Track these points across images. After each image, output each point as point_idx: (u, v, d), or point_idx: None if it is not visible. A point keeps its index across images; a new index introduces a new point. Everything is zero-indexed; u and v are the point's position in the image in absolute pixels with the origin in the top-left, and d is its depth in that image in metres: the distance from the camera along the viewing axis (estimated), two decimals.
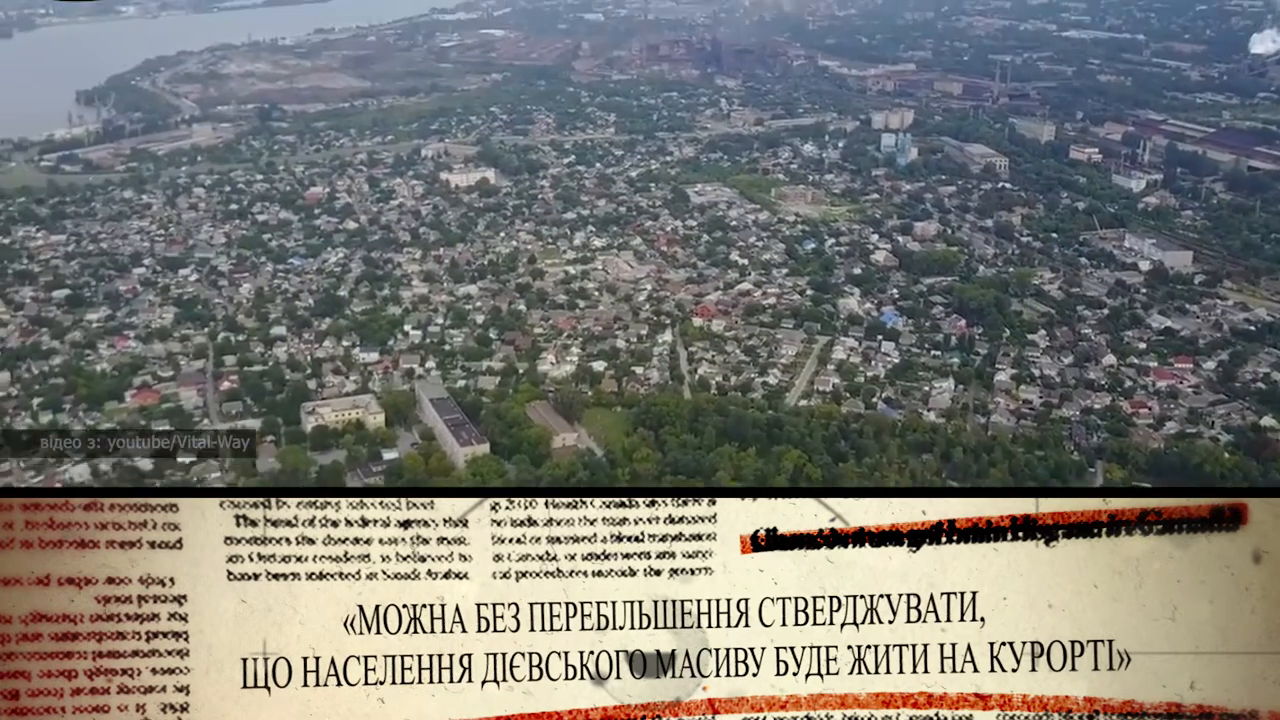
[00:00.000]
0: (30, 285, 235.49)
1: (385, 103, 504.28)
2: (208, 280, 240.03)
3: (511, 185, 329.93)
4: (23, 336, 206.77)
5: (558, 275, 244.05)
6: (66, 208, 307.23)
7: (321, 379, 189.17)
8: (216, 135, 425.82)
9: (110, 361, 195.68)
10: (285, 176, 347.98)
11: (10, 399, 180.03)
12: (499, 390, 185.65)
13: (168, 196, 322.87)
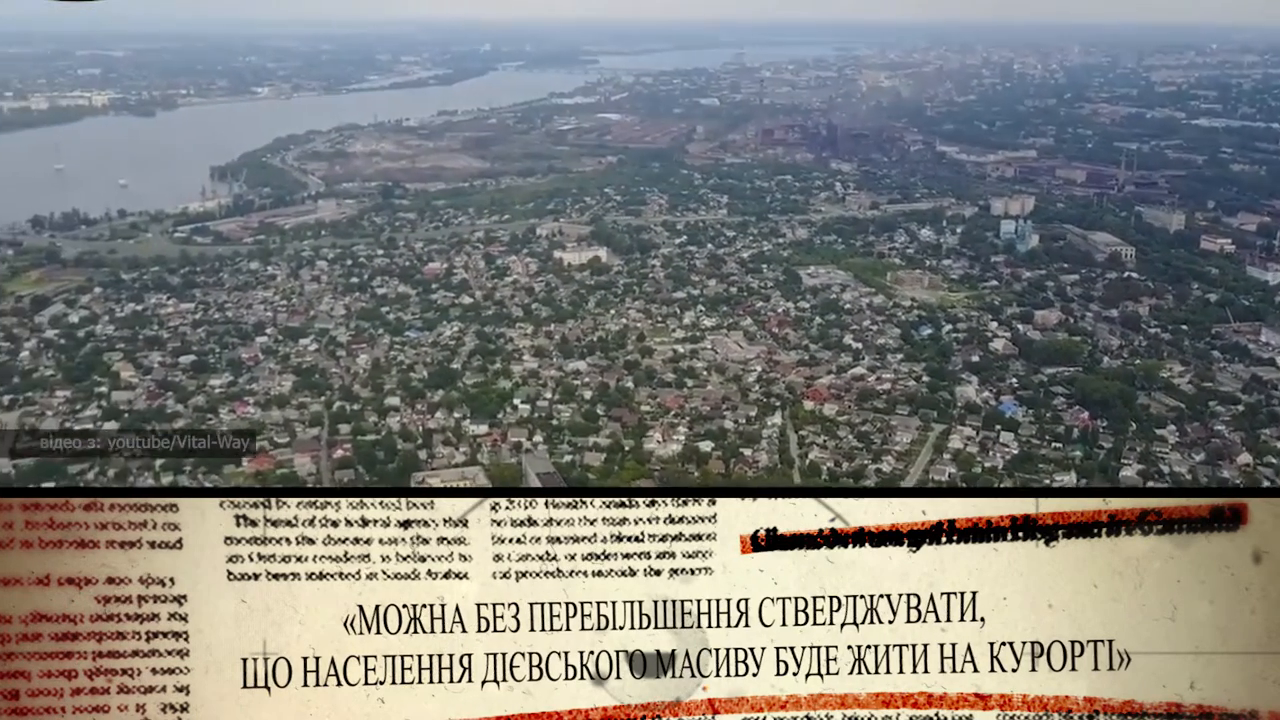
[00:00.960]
0: (159, 350, 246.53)
1: (503, 183, 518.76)
2: (326, 350, 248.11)
3: (623, 264, 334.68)
4: (149, 399, 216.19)
5: (666, 353, 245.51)
6: (196, 277, 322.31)
7: (432, 449, 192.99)
8: (340, 211, 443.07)
9: (230, 426, 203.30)
10: (405, 252, 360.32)
11: (135, 459, 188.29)
12: (604, 467, 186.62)
13: (292, 268, 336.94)
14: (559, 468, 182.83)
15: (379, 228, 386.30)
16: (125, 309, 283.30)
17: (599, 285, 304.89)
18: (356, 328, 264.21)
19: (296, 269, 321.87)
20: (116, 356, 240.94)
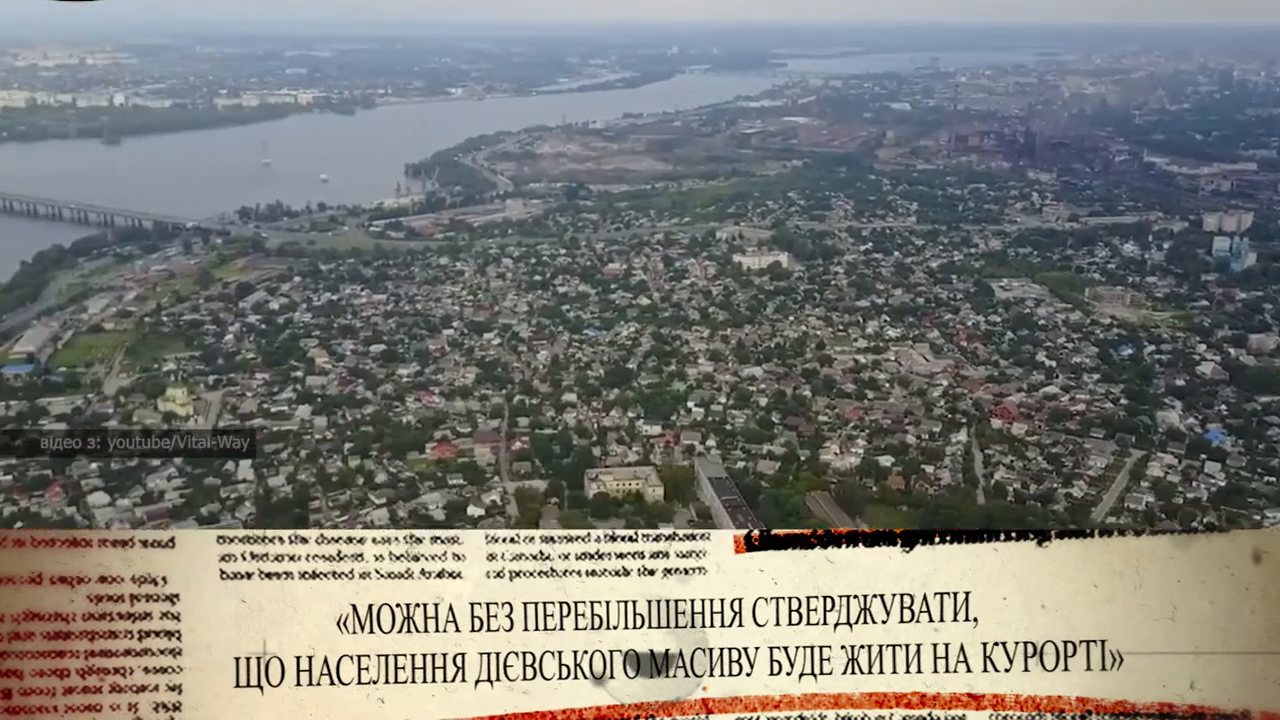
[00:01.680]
0: (351, 339, 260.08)
1: (685, 185, 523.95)
2: (509, 345, 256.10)
3: (804, 270, 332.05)
4: (341, 385, 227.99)
5: (847, 363, 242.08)
6: (389, 270, 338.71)
7: (606, 447, 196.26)
8: (527, 210, 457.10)
9: (415, 414, 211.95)
10: (586, 252, 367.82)
11: (325, 441, 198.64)
12: (778, 476, 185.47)
13: (479, 265, 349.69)
14: (731, 474, 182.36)
15: (563, 227, 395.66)
16: (322, 298, 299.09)
17: (779, 290, 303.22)
18: (538, 324, 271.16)
19: (483, 265, 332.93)
20: (312, 343, 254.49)
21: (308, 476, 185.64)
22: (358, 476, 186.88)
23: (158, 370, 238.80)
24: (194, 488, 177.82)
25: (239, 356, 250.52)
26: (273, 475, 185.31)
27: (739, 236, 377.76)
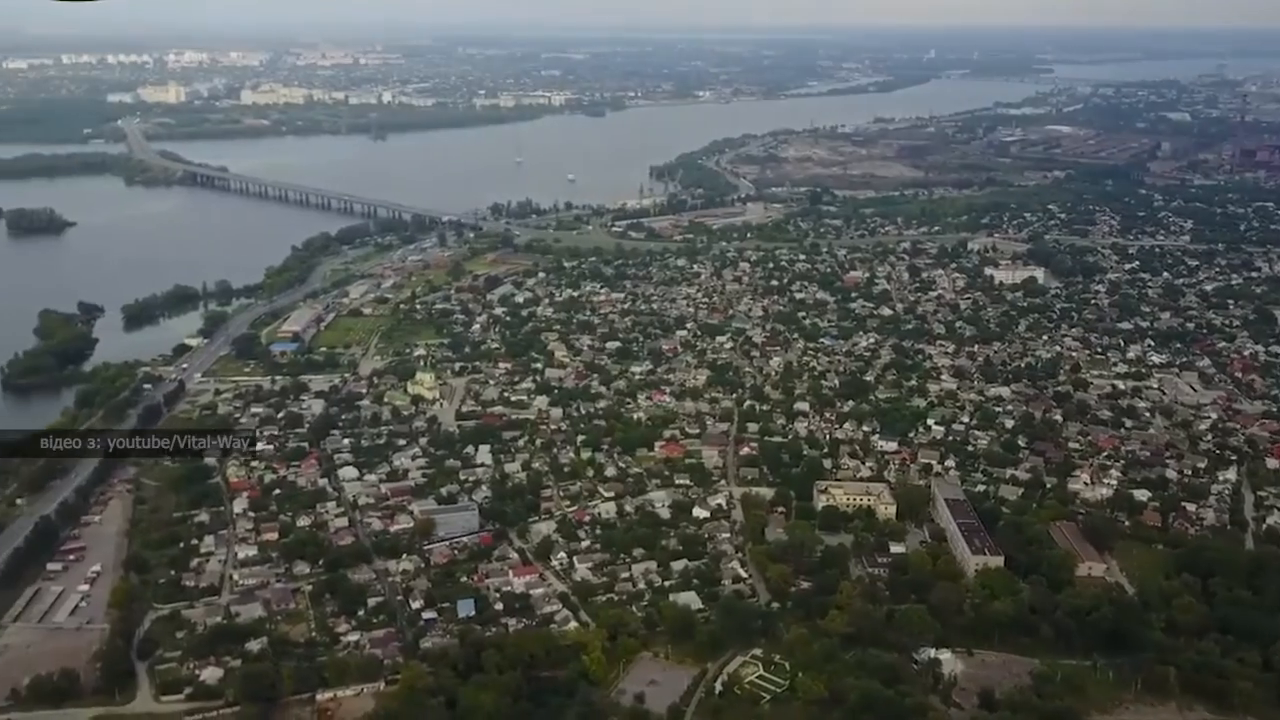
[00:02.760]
0: (589, 335, 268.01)
1: (936, 194, 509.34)
2: (741, 349, 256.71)
3: (1061, 287, 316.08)
4: (578, 379, 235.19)
5: (1104, 388, 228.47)
6: (628, 269, 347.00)
7: (838, 460, 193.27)
8: (767, 214, 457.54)
9: (646, 412, 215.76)
10: (827, 258, 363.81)
11: (560, 432, 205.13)
12: (1021, 502, 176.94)
13: (716, 267, 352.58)
14: (970, 497, 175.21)
15: (803, 232, 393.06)
16: (564, 294, 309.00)
17: (1032, 308, 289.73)
18: (772, 330, 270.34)
19: (720, 268, 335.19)
20: (553, 337, 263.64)
21: (541, 465, 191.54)
22: (588, 468, 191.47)
23: (409, 354, 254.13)
24: (436, 469, 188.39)
25: (484, 346, 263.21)
26: (509, 461, 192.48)
27: (992, 248, 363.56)
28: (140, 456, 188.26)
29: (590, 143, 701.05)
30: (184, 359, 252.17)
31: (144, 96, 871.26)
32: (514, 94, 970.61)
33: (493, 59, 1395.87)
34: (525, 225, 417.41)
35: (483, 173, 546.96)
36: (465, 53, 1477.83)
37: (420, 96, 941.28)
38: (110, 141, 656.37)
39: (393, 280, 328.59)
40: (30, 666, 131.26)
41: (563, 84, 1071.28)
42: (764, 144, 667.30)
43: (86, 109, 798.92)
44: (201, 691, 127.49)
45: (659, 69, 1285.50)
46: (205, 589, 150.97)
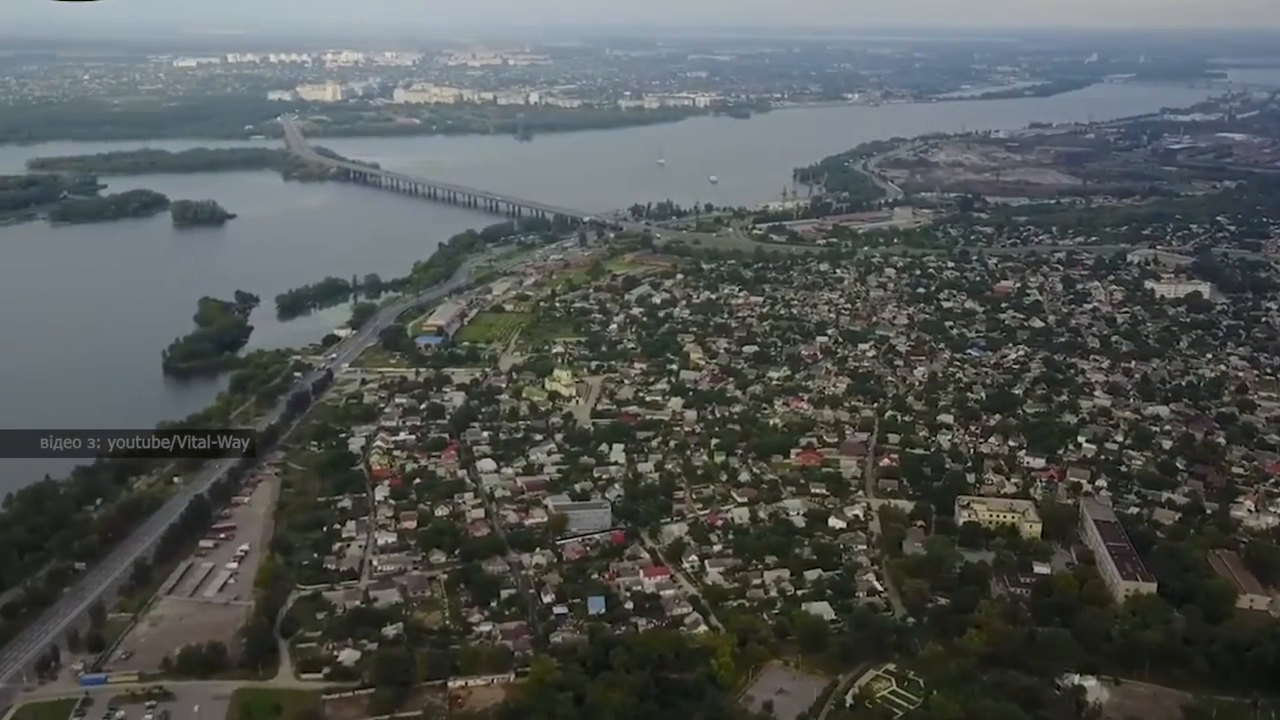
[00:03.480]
0: (726, 338, 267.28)
1: (1095, 202, 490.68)
2: (884, 358, 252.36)
3: (1229, 303, 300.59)
4: (713, 382, 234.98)
5: (1273, 411, 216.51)
6: (768, 273, 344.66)
7: (981, 475, 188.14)
8: (915, 219, 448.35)
9: (783, 419, 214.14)
10: (977, 267, 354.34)
11: (694, 434, 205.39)
12: (1178, 527, 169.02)
13: (859, 273, 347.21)
14: (1122, 519, 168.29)
15: (953, 239, 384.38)
16: (701, 296, 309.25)
17: (1196, 324, 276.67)
18: (917, 339, 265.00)
19: (864, 274, 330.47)
20: (689, 339, 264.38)
21: (675, 466, 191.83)
22: (722, 472, 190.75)
23: (547, 351, 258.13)
24: (570, 465, 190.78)
25: (620, 345, 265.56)
26: (642, 461, 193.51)
27: (1153, 261, 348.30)
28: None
29: (734, 144, 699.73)
30: (333, 349, 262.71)
31: (302, 95, 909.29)
32: (659, 95, 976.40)
33: (638, 61, 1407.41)
34: (665, 226, 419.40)
35: (625, 174, 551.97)
36: (612, 54, 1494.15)
37: (566, 97, 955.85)
38: (270, 138, 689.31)
39: (534, 278, 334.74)
40: (182, 637, 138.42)
41: (708, 85, 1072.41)
42: (913, 148, 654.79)
43: (249, 106, 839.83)
44: (339, 672, 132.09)
45: (806, 70, 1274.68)
46: (345, 573, 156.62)
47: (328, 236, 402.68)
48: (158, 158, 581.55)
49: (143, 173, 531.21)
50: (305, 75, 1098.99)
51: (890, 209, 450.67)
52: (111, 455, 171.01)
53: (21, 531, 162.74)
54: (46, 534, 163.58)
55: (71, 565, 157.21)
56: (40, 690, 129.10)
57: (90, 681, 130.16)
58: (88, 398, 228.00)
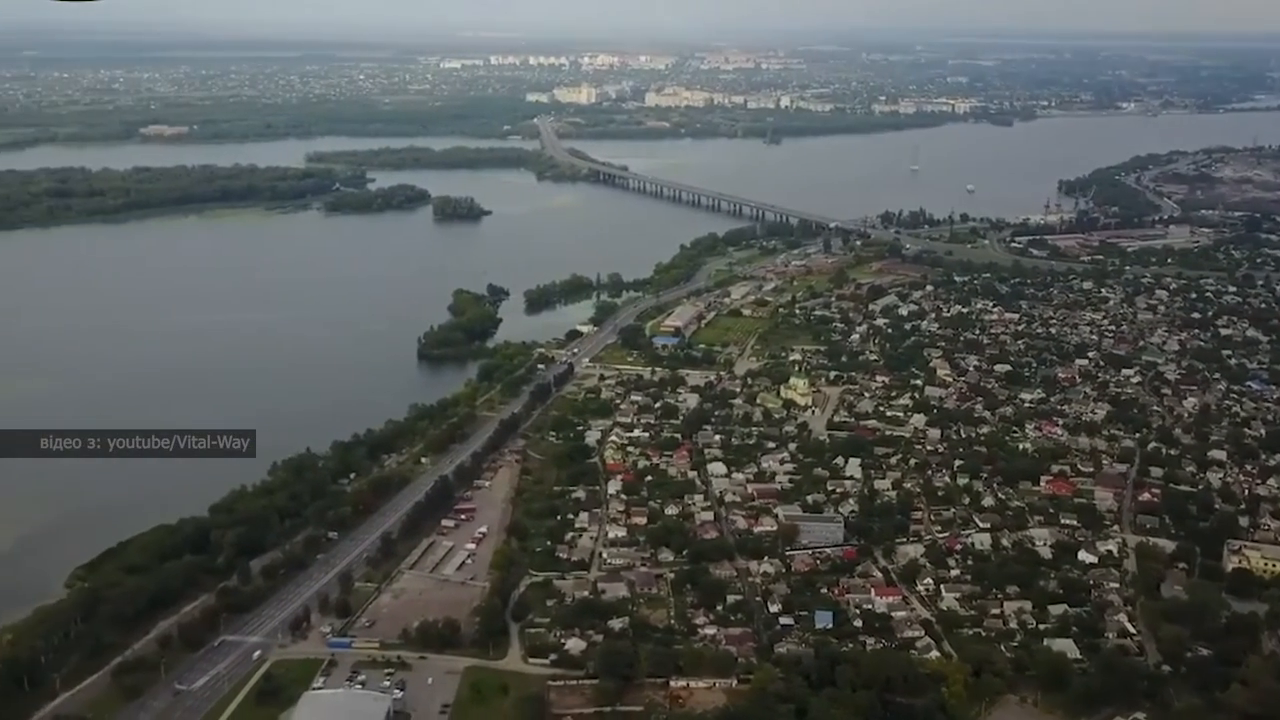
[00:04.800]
0: (976, 355, 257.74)
1: None
2: (1150, 385, 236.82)
3: None
4: (960, 401, 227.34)
5: None
6: (1025, 289, 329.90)
7: (1256, 518, 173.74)
8: (1193, 239, 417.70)
9: (1034, 443, 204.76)
10: (1263, 292, 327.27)
11: (936, 454, 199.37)
12: None
13: (1127, 293, 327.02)
14: None
15: (1235, 262, 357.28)
16: (952, 310, 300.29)
17: None
18: (1189, 367, 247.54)
19: (1132, 295, 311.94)
20: (935, 354, 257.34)
21: (913, 485, 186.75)
22: (964, 495, 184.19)
23: (784, 359, 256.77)
24: (803, 475, 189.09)
25: (862, 356, 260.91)
26: (879, 478, 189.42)
27: None
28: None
29: (993, 153, 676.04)
30: (575, 344, 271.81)
31: (558, 97, 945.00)
32: (915, 100, 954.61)
33: (896, 65, 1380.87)
34: (916, 236, 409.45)
35: (875, 180, 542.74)
36: (869, 59, 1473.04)
37: (818, 101, 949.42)
38: (526, 138, 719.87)
39: (774, 283, 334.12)
40: (420, 611, 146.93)
41: (969, 91, 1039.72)
42: (1195, 162, 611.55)
43: (508, 107, 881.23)
44: (565, 660, 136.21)
45: (1077, 78, 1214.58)
46: (576, 563, 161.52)
47: (575, 235, 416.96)
48: (422, 155, 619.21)
49: (407, 168, 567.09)
50: (562, 78, 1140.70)
51: (1165, 226, 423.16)
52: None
53: (283, 498, 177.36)
54: (305, 502, 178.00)
55: (325, 534, 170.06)
56: (292, 648, 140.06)
57: (337, 645, 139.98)
58: (350, 376, 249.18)
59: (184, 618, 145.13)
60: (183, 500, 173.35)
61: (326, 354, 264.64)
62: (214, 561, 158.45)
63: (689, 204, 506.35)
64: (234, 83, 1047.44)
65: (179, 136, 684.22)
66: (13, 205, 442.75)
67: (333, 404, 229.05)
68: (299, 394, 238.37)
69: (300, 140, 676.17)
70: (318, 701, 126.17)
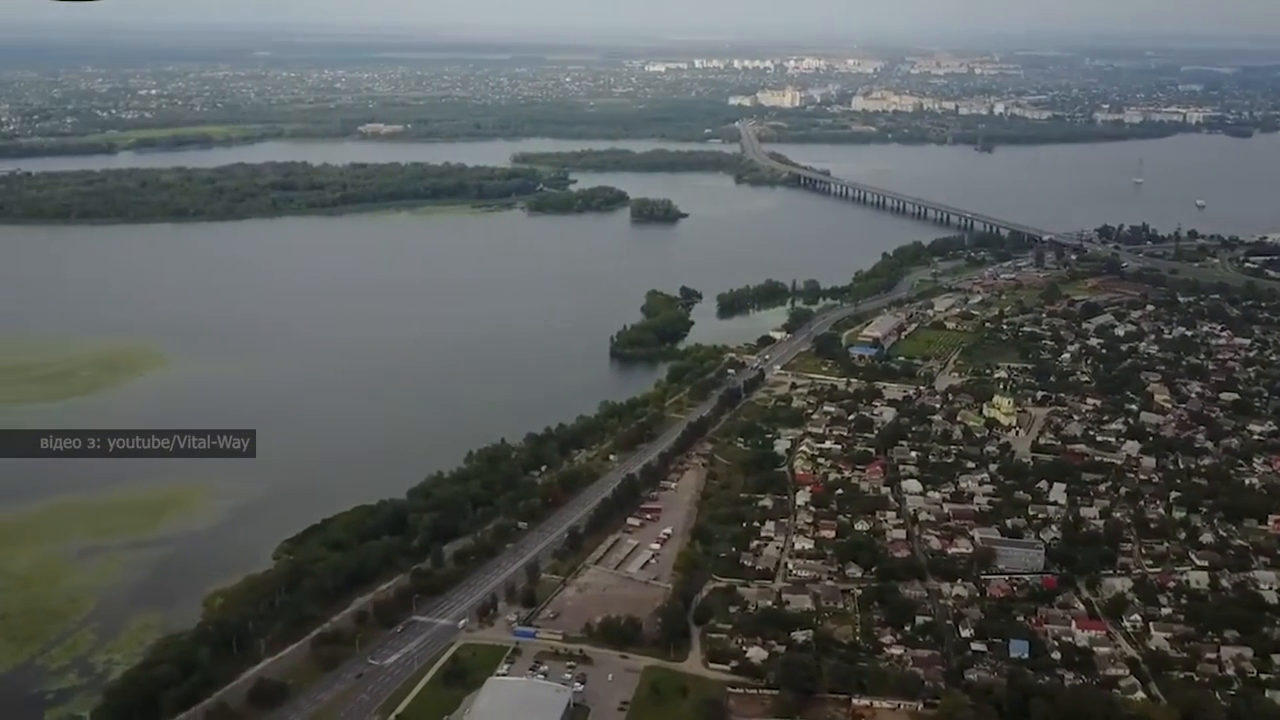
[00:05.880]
0: (1200, 381, 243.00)
1: None
2: None
3: None
4: (1179, 429, 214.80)
5: None
6: (1259, 312, 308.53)
7: None
8: None
9: (1262, 479, 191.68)
10: None
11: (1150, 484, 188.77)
12: None
13: None
14: None
15: None
16: (1174, 332, 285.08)
17: None
18: None
19: None
20: (1154, 378, 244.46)
21: (1123, 515, 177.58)
22: (1180, 530, 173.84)
23: (988, 375, 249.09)
24: (1003, 498, 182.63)
25: (1072, 377, 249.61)
26: (1085, 505, 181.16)
27: None
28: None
29: (1228, 166, 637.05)
30: (766, 350, 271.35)
31: (761, 100, 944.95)
32: (1142, 109, 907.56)
33: (1122, 71, 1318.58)
34: (1137, 252, 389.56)
35: (1093, 192, 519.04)
36: (1092, 64, 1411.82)
37: (1034, 109, 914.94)
38: (726, 141, 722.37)
39: (981, 296, 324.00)
40: (603, 607, 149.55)
41: (1202, 100, 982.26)
42: None
43: (709, 110, 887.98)
44: (745, 667, 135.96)
45: None
46: (760, 571, 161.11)
47: (771, 240, 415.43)
48: (623, 157, 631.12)
49: (608, 170, 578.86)
50: (766, 81, 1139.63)
51: None
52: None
53: (477, 486, 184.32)
54: (497, 492, 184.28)
55: (515, 523, 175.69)
56: (479, 633, 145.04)
57: (522, 634, 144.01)
58: (544, 370, 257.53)
59: (379, 595, 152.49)
60: (382, 482, 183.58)
61: (522, 348, 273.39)
62: (410, 543, 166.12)
63: (892, 211, 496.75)
64: (446, 83, 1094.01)
65: (394, 135, 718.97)
66: (242, 197, 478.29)
67: (527, 397, 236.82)
68: (495, 385, 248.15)
69: (507, 141, 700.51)
70: (501, 688, 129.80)
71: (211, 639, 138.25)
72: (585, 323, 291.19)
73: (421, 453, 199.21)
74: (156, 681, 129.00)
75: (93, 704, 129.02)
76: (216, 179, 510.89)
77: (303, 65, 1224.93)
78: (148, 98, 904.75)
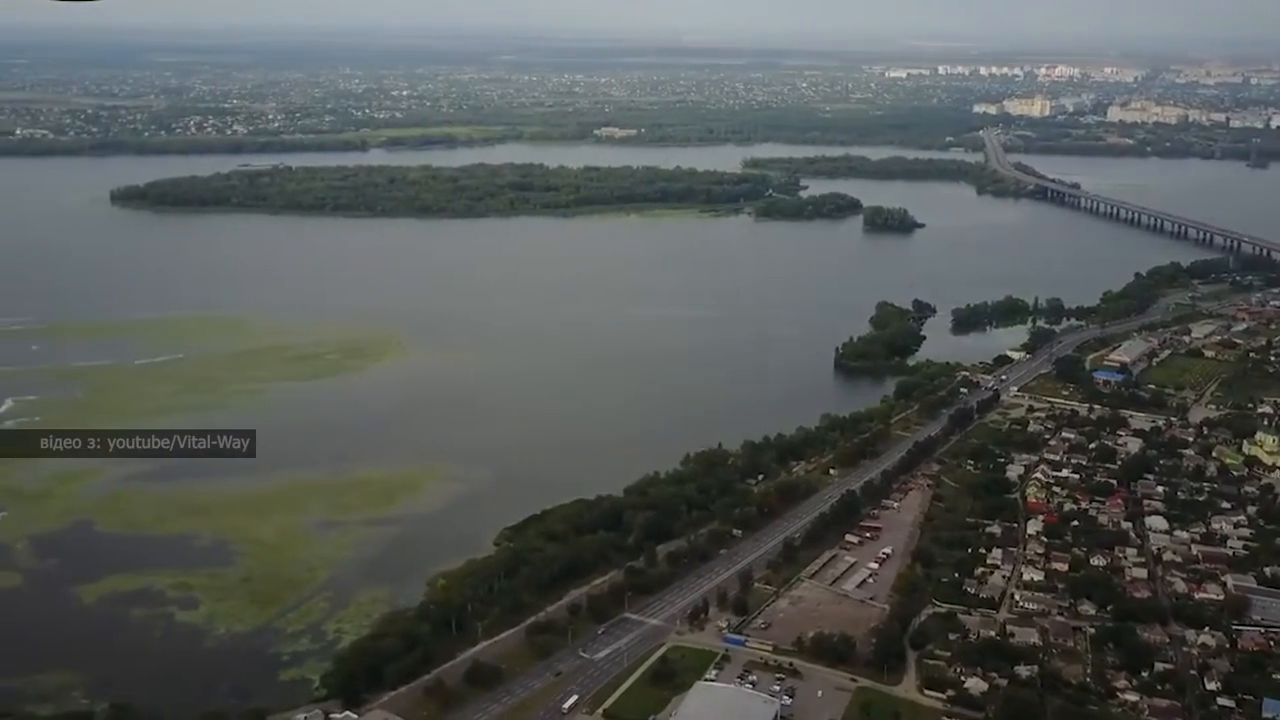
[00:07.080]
0: None
1: None
2: None
3: None
4: None
5: None
6: None
7: None
8: None
9: None
10: None
11: None
12: None
13: None
14: None
15: None
16: None
17: None
18: None
19: None
20: None
21: None
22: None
23: (1251, 409, 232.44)
24: (1261, 543, 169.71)
25: None
26: None
27: None
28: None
29: None
30: (1003, 370, 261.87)
31: (1008, 109, 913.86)
32: None
33: None
34: None
35: None
36: None
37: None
38: (968, 150, 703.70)
39: (1246, 324, 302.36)
40: (816, 622, 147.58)
41: None
42: None
43: (952, 118, 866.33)
44: (962, 698, 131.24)
45: None
46: (984, 600, 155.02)
47: (1013, 254, 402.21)
48: (857, 163, 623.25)
49: (841, 177, 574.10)
50: (1014, 89, 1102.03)
51: None
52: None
53: (692, 489, 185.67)
54: (713, 496, 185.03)
55: (730, 530, 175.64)
56: (689, 636, 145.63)
57: (732, 641, 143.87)
58: (765, 378, 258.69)
59: (593, 590, 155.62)
60: (599, 477, 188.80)
61: (745, 353, 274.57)
62: (624, 540, 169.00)
63: (1148, 229, 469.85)
64: (681, 88, 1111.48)
65: (628, 138, 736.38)
66: (481, 196, 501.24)
67: (746, 403, 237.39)
68: (715, 389, 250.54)
69: (739, 146, 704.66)
70: (709, 693, 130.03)
71: (433, 618, 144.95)
72: (810, 331, 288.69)
73: (638, 451, 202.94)
74: (381, 654, 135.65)
75: (322, 669, 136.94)
76: (459, 178, 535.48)
77: (543, 69, 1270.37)
78: (399, 98, 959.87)
